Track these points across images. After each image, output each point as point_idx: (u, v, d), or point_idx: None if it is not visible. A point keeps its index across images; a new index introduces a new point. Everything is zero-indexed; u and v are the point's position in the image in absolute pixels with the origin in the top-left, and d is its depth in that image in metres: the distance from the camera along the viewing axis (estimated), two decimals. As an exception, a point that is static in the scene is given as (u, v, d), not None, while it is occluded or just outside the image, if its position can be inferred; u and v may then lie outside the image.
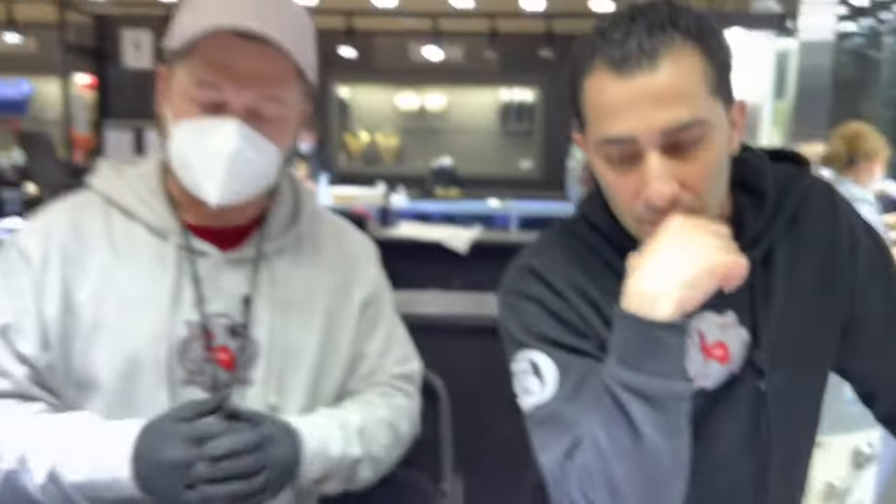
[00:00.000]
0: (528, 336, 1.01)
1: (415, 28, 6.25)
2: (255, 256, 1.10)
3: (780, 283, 1.03)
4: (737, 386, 1.02)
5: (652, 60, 0.86)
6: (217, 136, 0.98)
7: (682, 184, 0.90)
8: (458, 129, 7.14)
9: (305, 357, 1.12)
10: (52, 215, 1.10)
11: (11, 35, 6.23)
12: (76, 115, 6.43)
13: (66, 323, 1.05)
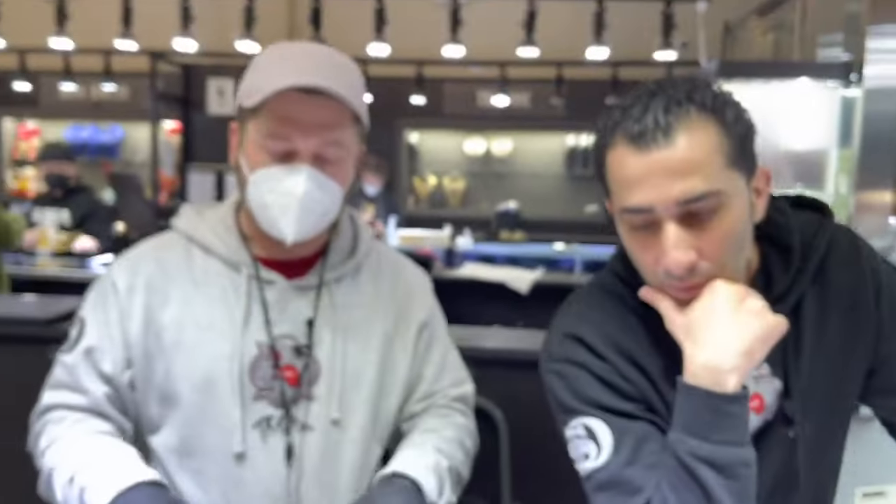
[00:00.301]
0: (579, 402, 1.04)
1: (483, 76, 6.40)
2: (318, 284, 1.21)
3: (809, 333, 1.06)
4: (769, 434, 1.05)
5: (667, 135, 0.91)
6: (289, 182, 1.10)
7: (699, 252, 0.93)
8: (524, 173, 7.20)
9: (365, 376, 1.22)
10: (140, 251, 1.25)
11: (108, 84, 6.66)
12: (163, 158, 6.76)
13: (149, 343, 1.17)
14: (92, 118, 7.45)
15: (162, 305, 1.19)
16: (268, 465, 1.18)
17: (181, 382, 1.17)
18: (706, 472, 0.91)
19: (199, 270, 1.21)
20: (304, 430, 1.19)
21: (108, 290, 1.21)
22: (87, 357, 1.19)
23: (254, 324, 1.19)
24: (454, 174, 7.31)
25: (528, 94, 6.83)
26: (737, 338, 0.92)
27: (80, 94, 7.24)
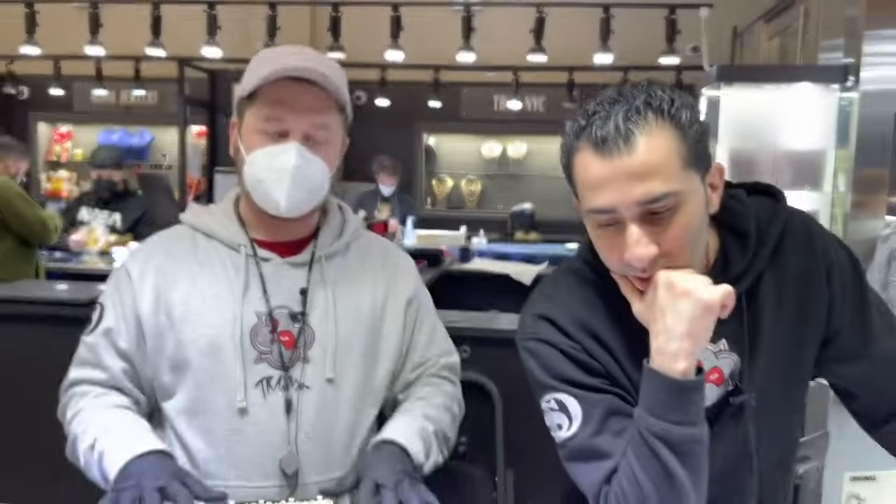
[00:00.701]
0: (551, 378, 1.12)
1: (498, 80, 6.55)
2: (310, 260, 1.36)
3: (767, 310, 1.13)
4: (730, 404, 1.13)
5: (628, 141, 0.97)
6: (282, 157, 1.25)
7: (659, 247, 1.00)
8: (539, 175, 7.33)
9: (356, 341, 1.35)
10: (151, 243, 1.41)
11: (138, 90, 6.91)
12: (190, 160, 6.97)
13: (160, 320, 1.31)
14: (122, 122, 7.72)
15: (171, 286, 1.33)
16: (269, 420, 1.29)
17: (190, 348, 1.30)
18: (661, 447, 1.00)
19: (202, 253, 1.35)
20: (301, 388, 1.31)
21: (123, 279, 1.36)
22: (105, 337, 1.33)
23: (252, 295, 1.32)
24: (471, 176, 7.47)
25: (542, 99, 6.99)
26: (674, 323, 0.99)
27: (110, 100, 7.52)
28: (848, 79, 3.55)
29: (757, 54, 5.49)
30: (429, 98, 6.59)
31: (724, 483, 1.13)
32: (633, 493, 1.02)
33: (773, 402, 1.15)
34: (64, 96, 7.26)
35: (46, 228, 3.98)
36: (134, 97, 7.39)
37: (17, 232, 3.93)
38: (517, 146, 7.36)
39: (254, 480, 1.26)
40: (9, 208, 3.86)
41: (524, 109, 6.94)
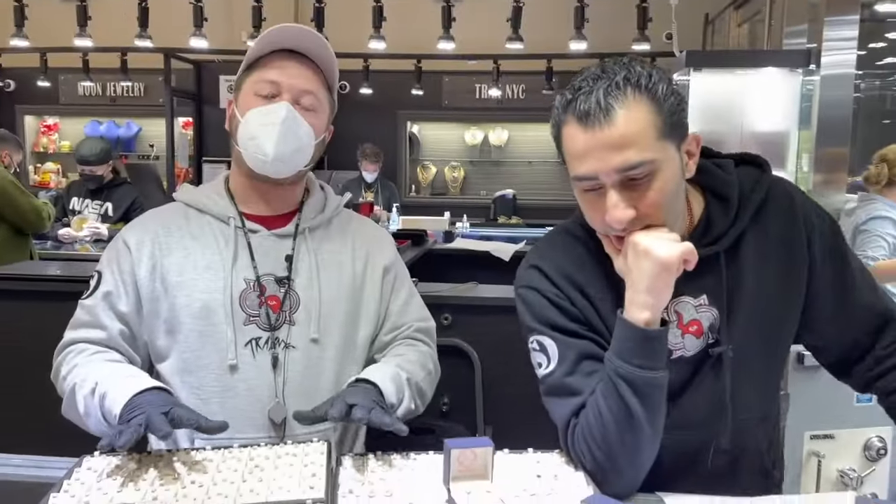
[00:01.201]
0: (535, 321, 1.23)
1: (478, 69, 6.68)
2: (294, 231, 1.46)
3: (748, 269, 1.21)
4: (709, 355, 1.21)
5: (608, 115, 1.05)
6: (273, 113, 1.36)
7: (636, 210, 1.08)
8: (520, 161, 7.49)
9: (338, 305, 1.44)
10: (147, 217, 1.51)
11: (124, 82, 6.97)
12: (178, 150, 7.06)
13: (156, 286, 1.40)
14: (108, 114, 7.79)
15: (166, 255, 1.41)
16: (257, 376, 1.38)
17: (183, 312, 1.38)
18: (624, 387, 1.10)
19: (195, 226, 1.44)
20: (288, 348, 1.39)
21: (121, 248, 1.43)
22: (105, 299, 1.42)
23: (241, 263, 1.41)
24: (453, 163, 7.60)
25: (522, 86, 7.12)
26: (638, 278, 1.09)
27: (97, 91, 7.58)
28: (810, 63, 3.71)
29: (727, 40, 5.65)
30: (411, 87, 6.69)
31: (703, 432, 1.22)
32: (596, 426, 1.13)
33: (752, 357, 1.23)
34: (50, 88, 7.31)
35: (41, 217, 4.08)
36: (120, 89, 7.46)
37: (12, 221, 4.03)
38: (498, 133, 7.49)
39: (245, 432, 1.35)
40: (3, 197, 3.96)
41: (504, 97, 7.07)
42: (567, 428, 1.18)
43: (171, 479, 1.04)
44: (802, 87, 3.79)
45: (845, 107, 3.59)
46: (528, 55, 5.37)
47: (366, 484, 1.06)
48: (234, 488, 1.01)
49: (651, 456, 1.15)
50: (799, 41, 4.04)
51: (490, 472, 1.03)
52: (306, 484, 1.02)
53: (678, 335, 1.21)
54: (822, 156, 3.58)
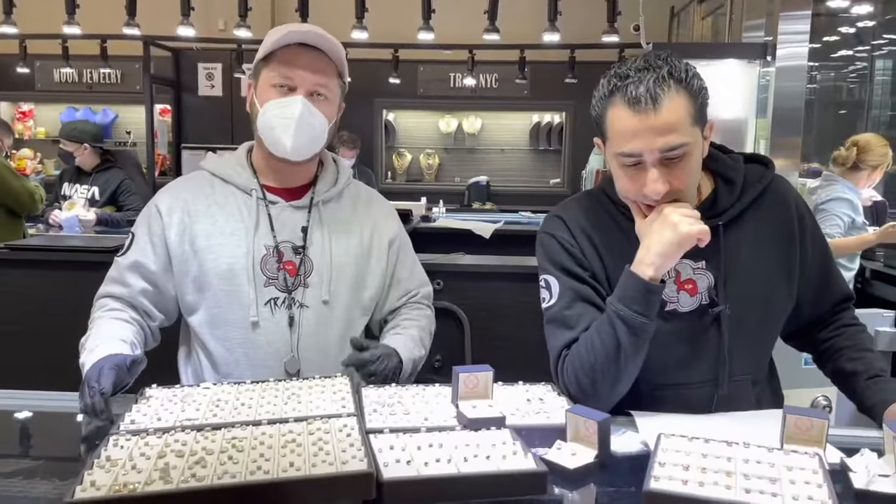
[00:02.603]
0: (547, 262, 1.45)
1: (453, 58, 6.85)
2: (310, 204, 1.64)
3: (746, 244, 1.41)
4: (705, 312, 1.41)
5: (656, 103, 1.23)
6: (289, 108, 1.52)
7: (670, 184, 1.28)
8: (493, 149, 7.69)
9: (347, 270, 1.63)
10: (177, 185, 1.68)
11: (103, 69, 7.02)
12: (157, 137, 7.14)
13: (185, 248, 1.58)
14: (84, 101, 7.82)
15: (194, 221, 1.58)
16: (276, 332, 1.56)
17: (210, 273, 1.56)
18: (620, 326, 1.29)
19: (220, 196, 1.61)
20: (302, 307, 1.58)
21: (153, 213, 1.61)
22: (134, 261, 1.60)
23: (262, 231, 1.58)
24: (428, 150, 7.77)
25: (495, 76, 7.31)
26: (656, 242, 1.29)
27: (73, 78, 7.62)
28: (766, 55, 3.97)
29: (692, 32, 5.93)
30: (388, 75, 6.84)
31: (705, 388, 1.41)
32: (586, 357, 1.33)
33: (748, 321, 1.41)
34: (26, 75, 7.33)
35: (33, 199, 4.21)
36: (97, 75, 7.50)
37: (5, 203, 4.15)
38: (472, 121, 7.68)
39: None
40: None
41: (479, 86, 7.26)
42: (559, 358, 1.40)
43: (223, 403, 1.24)
44: (759, 77, 4.06)
45: (798, 97, 3.86)
46: (503, 45, 5.57)
47: (386, 405, 1.27)
48: (277, 408, 1.22)
49: (624, 389, 1.36)
50: (757, 34, 4.31)
51: (490, 392, 1.24)
52: (339, 404, 1.23)
53: (674, 290, 1.41)
54: (777, 143, 3.84)
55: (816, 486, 0.98)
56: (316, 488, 0.95)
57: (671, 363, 1.41)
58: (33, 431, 1.36)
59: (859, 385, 1.42)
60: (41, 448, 1.29)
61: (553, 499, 1.05)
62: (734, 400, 1.43)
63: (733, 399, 1.43)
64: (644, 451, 1.20)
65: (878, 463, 1.09)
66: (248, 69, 1.64)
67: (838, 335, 1.52)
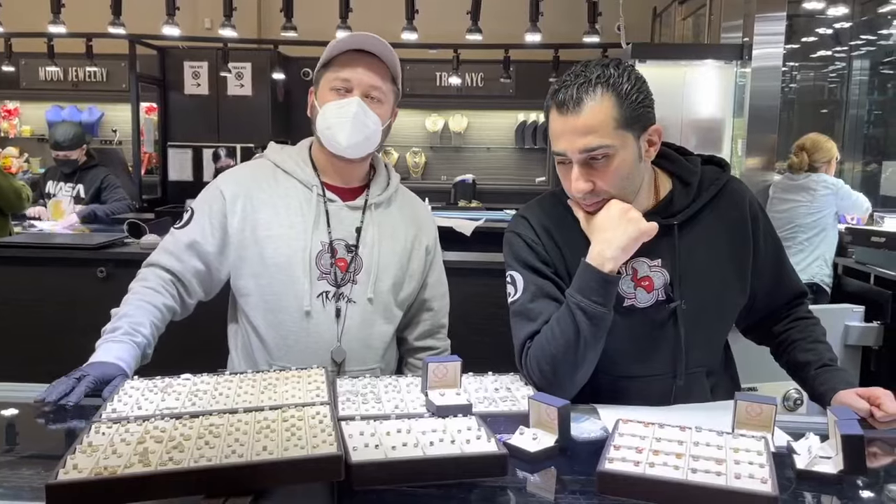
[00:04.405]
0: (512, 259, 1.53)
1: (439, 57, 6.91)
2: (364, 205, 1.74)
3: (700, 243, 1.47)
4: (660, 308, 1.47)
5: (577, 106, 1.32)
6: (346, 108, 1.63)
7: (594, 183, 1.36)
8: (479, 147, 7.78)
9: (390, 271, 1.73)
10: (243, 171, 1.77)
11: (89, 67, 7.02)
12: (144, 135, 7.15)
13: (245, 235, 1.67)
14: (70, 99, 7.83)
15: (257, 210, 1.69)
16: (325, 322, 1.66)
17: (269, 262, 1.65)
18: (580, 316, 1.36)
19: (282, 188, 1.71)
20: (349, 302, 1.69)
21: (217, 195, 1.71)
22: (193, 239, 1.67)
23: (320, 228, 1.68)
24: (415, 149, 7.84)
25: (481, 75, 7.39)
26: (616, 237, 1.36)
27: (59, 76, 7.62)
28: (743, 56, 4.06)
29: (673, 32, 6.01)
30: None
31: (663, 380, 1.48)
32: (547, 346, 1.40)
33: (702, 317, 1.48)
34: (12, 73, 7.32)
35: (20, 197, 4.23)
36: (83, 74, 7.51)
37: (-10, 202, 4.17)
38: (458, 120, 7.74)
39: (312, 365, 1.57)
40: (-18, 180, 4.10)
41: (464, 85, 7.32)
42: (522, 348, 1.47)
43: (202, 393, 1.29)
44: (736, 78, 4.14)
45: (774, 97, 3.95)
46: (487, 45, 5.62)
47: (359, 395, 1.32)
48: (254, 398, 1.27)
49: (584, 377, 1.42)
50: (735, 35, 4.39)
51: (459, 381, 1.30)
52: (313, 393, 1.29)
53: (631, 287, 1.47)
54: (752, 142, 3.94)
55: (759, 466, 1.05)
56: (287, 470, 1.00)
57: (630, 356, 1.48)
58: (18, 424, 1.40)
59: (810, 374, 1.49)
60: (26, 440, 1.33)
61: (515, 481, 1.11)
62: (691, 390, 1.50)
63: (690, 390, 1.50)
64: (604, 436, 1.26)
65: (821, 446, 1.16)
66: (234, 68, 1.70)
67: (792, 328, 1.59)
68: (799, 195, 4.07)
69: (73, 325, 1.60)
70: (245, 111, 6.95)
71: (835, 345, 2.73)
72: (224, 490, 0.98)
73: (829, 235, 4.04)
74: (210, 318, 1.84)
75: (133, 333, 1.52)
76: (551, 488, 1.14)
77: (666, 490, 1.00)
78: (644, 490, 1.01)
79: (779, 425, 1.25)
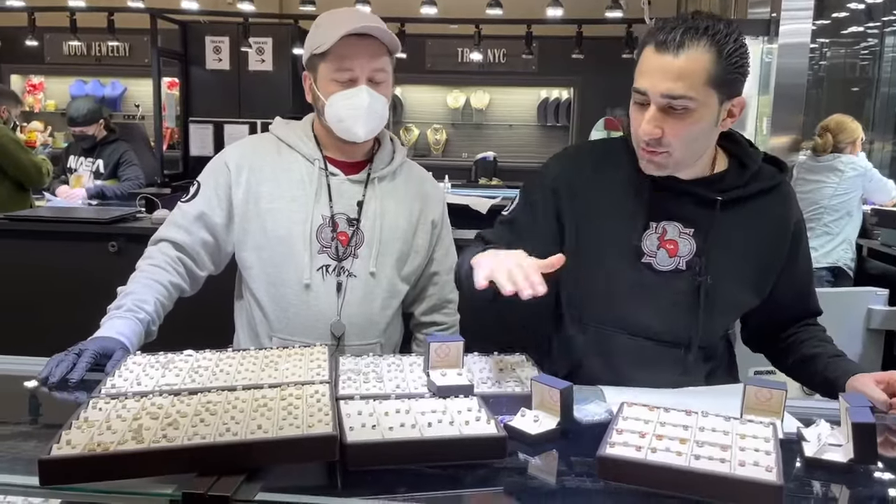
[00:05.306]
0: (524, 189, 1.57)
1: (461, 33, 6.83)
2: (366, 179, 1.72)
3: (739, 225, 1.44)
4: (683, 275, 1.45)
5: (678, 49, 1.27)
6: (356, 99, 1.60)
7: (663, 131, 1.31)
8: (501, 124, 7.71)
9: (393, 246, 1.72)
10: (247, 144, 1.76)
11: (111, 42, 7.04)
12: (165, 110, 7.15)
13: (249, 207, 1.67)
14: (94, 74, 7.87)
15: (260, 183, 1.69)
16: (325, 296, 1.66)
17: (270, 234, 1.66)
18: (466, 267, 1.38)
19: (285, 162, 1.72)
20: (350, 276, 1.68)
21: (222, 167, 1.71)
22: (201, 211, 1.68)
23: (321, 201, 1.68)
24: (436, 125, 7.79)
25: (503, 51, 7.30)
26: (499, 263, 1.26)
27: (82, 51, 7.66)
28: (770, 32, 3.95)
29: (700, 6, 5.87)
30: (395, 50, 6.81)
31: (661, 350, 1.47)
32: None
33: (717, 288, 1.45)
34: (36, 48, 7.36)
35: (40, 172, 4.27)
36: (105, 48, 7.53)
37: (14, 176, 4.21)
38: (480, 96, 7.67)
39: (311, 339, 1.62)
40: (5, 154, 4.13)
41: (486, 61, 7.24)
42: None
43: (202, 369, 1.29)
44: (763, 54, 4.04)
45: (801, 74, 3.85)
46: (509, 20, 5.54)
47: (361, 373, 1.31)
48: (254, 375, 1.26)
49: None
50: (762, 10, 4.28)
51: (461, 361, 1.28)
52: (314, 372, 1.27)
53: (655, 245, 1.45)
54: (778, 120, 3.85)
55: (765, 454, 1.02)
56: (281, 449, 0.99)
57: (632, 313, 1.46)
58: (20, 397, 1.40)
59: (822, 362, 1.46)
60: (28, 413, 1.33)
61: (515, 463, 1.09)
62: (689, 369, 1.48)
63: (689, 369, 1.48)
64: (609, 419, 1.23)
65: (831, 433, 1.12)
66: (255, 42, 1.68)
67: (800, 331, 1.57)
68: (825, 176, 3.98)
69: (83, 298, 1.60)
70: (266, 86, 6.92)
71: (857, 328, 2.72)
72: (217, 468, 0.97)
73: (854, 218, 3.96)
74: (218, 296, 1.83)
75: (136, 310, 1.52)
76: (552, 471, 1.12)
77: (667, 476, 0.97)
78: (644, 476, 0.98)
79: (790, 410, 1.22)
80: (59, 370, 1.31)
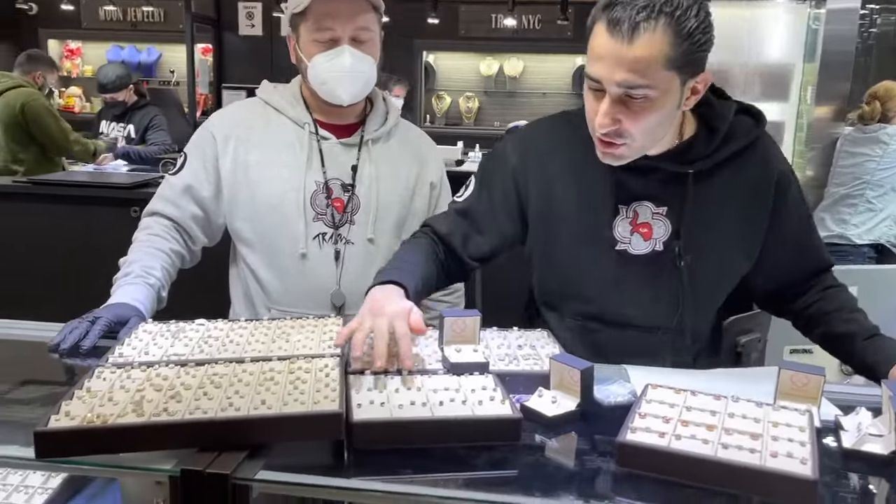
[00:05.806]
0: (480, 171, 1.49)
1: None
2: (360, 142, 1.66)
3: (715, 196, 1.34)
4: (660, 259, 1.37)
5: (632, 34, 1.14)
6: (338, 61, 1.53)
7: (621, 122, 1.20)
8: (534, 92, 7.53)
9: (392, 210, 1.66)
10: (232, 111, 1.69)
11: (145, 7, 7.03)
12: (199, 76, 7.17)
13: (238, 177, 1.61)
14: (129, 39, 7.88)
15: (248, 151, 1.63)
16: (322, 265, 1.61)
17: (262, 203, 1.60)
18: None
19: (274, 127, 1.65)
20: (347, 244, 1.63)
21: (208, 138, 1.64)
22: (188, 184, 1.62)
23: (313, 167, 1.62)
24: (468, 93, 7.66)
25: (538, 16, 7.11)
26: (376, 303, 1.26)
27: (118, 16, 7.66)
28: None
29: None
30: (427, 15, 6.72)
31: (644, 335, 1.41)
32: None
33: (700, 276, 1.38)
34: (72, 12, 7.39)
35: (68, 140, 4.27)
36: (140, 14, 7.52)
37: (41, 142, 4.22)
38: (513, 64, 7.52)
39: (310, 309, 1.57)
40: (35, 121, 4.14)
41: (520, 27, 7.08)
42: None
43: (212, 339, 1.25)
44: (809, 20, 3.85)
45: (849, 42, 3.67)
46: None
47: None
48: (265, 346, 1.22)
49: None
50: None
51: (477, 337, 1.23)
52: (325, 344, 1.23)
53: (628, 231, 1.37)
54: (823, 89, 3.68)
55: (799, 444, 0.95)
56: (284, 426, 0.95)
57: (613, 304, 1.40)
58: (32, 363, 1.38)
59: (857, 345, 1.36)
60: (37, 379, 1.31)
61: (531, 446, 1.04)
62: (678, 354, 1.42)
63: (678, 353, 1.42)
64: (632, 401, 1.17)
65: (872, 422, 1.05)
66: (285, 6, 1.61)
67: (821, 299, 1.45)
68: (868, 148, 3.81)
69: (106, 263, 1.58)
70: (298, 53, 6.86)
71: (900, 308, 2.60)
72: (217, 444, 0.93)
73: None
74: (212, 268, 1.78)
75: (146, 276, 1.49)
76: (570, 455, 1.06)
77: (691, 466, 0.91)
78: (667, 465, 0.92)
79: (828, 396, 1.14)
80: (72, 337, 1.29)
